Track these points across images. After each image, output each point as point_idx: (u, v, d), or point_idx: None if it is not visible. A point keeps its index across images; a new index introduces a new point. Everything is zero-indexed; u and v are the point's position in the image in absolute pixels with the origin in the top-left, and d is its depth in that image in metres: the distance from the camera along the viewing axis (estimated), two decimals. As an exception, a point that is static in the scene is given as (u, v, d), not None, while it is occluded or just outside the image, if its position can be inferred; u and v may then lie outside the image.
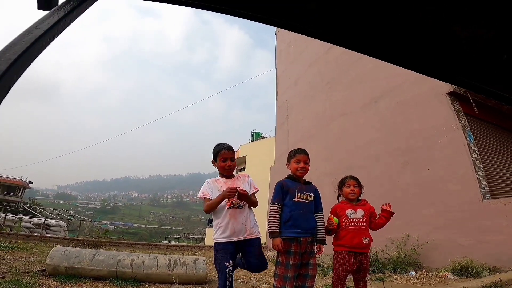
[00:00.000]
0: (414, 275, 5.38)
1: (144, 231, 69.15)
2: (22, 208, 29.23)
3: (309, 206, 2.47)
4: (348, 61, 9.68)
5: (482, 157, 5.93)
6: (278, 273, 2.33)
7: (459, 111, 6.26)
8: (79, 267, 3.94)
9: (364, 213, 2.66)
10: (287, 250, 2.32)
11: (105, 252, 4.35)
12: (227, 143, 2.53)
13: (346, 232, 2.57)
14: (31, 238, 9.41)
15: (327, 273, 6.08)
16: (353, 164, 8.29)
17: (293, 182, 2.53)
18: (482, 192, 5.40)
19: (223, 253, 2.28)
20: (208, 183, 2.48)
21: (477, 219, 5.29)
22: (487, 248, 5.04)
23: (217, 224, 2.37)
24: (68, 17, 0.57)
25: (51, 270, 3.97)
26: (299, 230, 2.36)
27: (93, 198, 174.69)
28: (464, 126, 6.06)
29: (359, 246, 2.55)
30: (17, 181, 40.32)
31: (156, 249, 10.06)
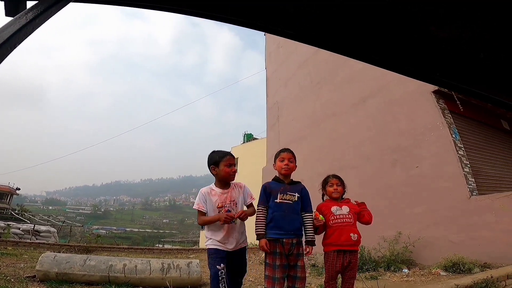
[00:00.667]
0: (407, 272, 5.46)
1: (137, 235, 68.23)
2: (11, 214, 28.47)
3: (293, 206, 2.47)
4: (337, 62, 9.75)
5: (468, 154, 6.09)
6: (267, 274, 2.36)
7: (444, 109, 6.41)
8: (70, 272, 3.89)
9: (350, 209, 2.67)
10: (272, 251, 2.36)
11: (97, 257, 4.30)
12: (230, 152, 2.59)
13: (333, 230, 2.57)
14: (21, 245, 9.20)
15: (322, 273, 6.12)
16: (345, 164, 8.39)
17: (277, 184, 2.55)
18: (470, 188, 5.54)
19: (214, 257, 2.31)
20: (202, 194, 2.45)
21: (466, 216, 5.42)
22: (478, 245, 5.16)
23: (210, 235, 2.40)
24: (30, 24, 0.54)
25: (42, 276, 3.91)
26: (281, 231, 2.38)
27: (83, 203, 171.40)
28: (450, 124, 6.21)
29: (348, 243, 2.54)
30: (4, 187, 39.34)
31: (150, 253, 9.95)
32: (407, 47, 0.77)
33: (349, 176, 7.48)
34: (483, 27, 0.79)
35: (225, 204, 2.42)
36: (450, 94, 6.47)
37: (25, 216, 27.34)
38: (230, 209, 2.40)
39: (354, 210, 2.69)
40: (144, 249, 10.45)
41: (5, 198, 39.18)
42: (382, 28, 0.72)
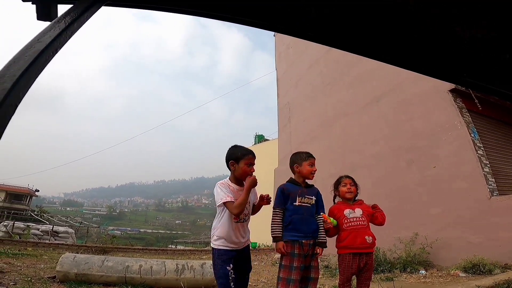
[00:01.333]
0: (425, 274, 5.33)
1: (151, 236, 69.29)
2: (30, 215, 29.51)
3: (310, 209, 2.47)
4: (349, 61, 9.63)
5: (487, 154, 5.89)
6: (281, 276, 2.34)
7: (462, 108, 6.23)
8: (89, 273, 3.98)
9: (363, 211, 2.62)
10: (290, 252, 2.34)
11: (114, 258, 4.39)
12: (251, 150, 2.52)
13: (348, 233, 2.53)
14: (40, 245, 9.50)
15: (335, 274, 6.05)
16: (357, 165, 8.27)
17: (294, 186, 2.53)
18: (490, 189, 5.36)
19: (224, 259, 2.26)
20: (224, 185, 2.32)
21: (486, 216, 5.24)
22: (498, 246, 4.99)
23: (218, 234, 2.33)
24: (69, 29, 0.55)
25: (62, 277, 4.02)
26: (300, 233, 2.37)
27: (99, 204, 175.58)
28: (468, 123, 6.03)
29: (363, 246, 2.50)
30: (23, 189, 40.74)
31: (164, 254, 10.08)
32: (433, 48, 0.75)
33: (362, 176, 7.37)
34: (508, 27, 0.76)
35: None
36: (467, 93, 6.28)
37: (44, 217, 28.26)
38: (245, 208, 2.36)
39: (367, 212, 2.65)
40: (158, 250, 10.60)
41: (24, 199, 40.60)
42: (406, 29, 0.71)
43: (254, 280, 5.40)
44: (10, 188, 39.47)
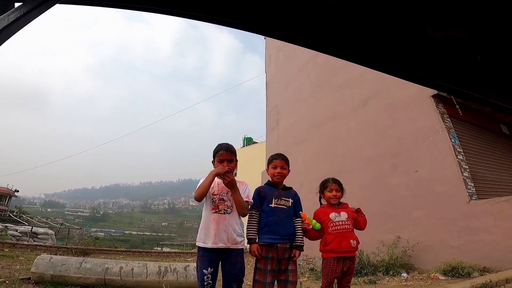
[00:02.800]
0: (406, 277, 5.43)
1: (136, 238, 67.74)
2: (9, 216, 28.38)
3: (287, 211, 2.46)
4: (336, 65, 9.70)
5: (467, 158, 6.07)
6: (257, 278, 2.33)
7: (443, 113, 6.41)
8: (66, 275, 3.85)
9: (348, 215, 2.63)
10: (265, 255, 2.32)
11: (93, 260, 4.26)
12: (228, 143, 2.41)
13: (333, 237, 2.54)
14: (17, 246, 9.15)
15: (320, 277, 6.07)
16: (344, 168, 8.36)
17: (270, 188, 2.54)
18: (469, 193, 5.52)
19: (202, 260, 2.19)
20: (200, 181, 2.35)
21: (466, 220, 5.40)
22: (477, 249, 5.14)
23: (200, 227, 2.31)
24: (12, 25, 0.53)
25: (37, 278, 3.88)
26: (276, 236, 2.36)
27: (82, 206, 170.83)
28: (449, 128, 6.21)
29: (348, 250, 2.53)
30: (2, 189, 39.23)
31: (148, 256, 9.89)
32: (402, 49, 0.75)
33: (349, 179, 7.44)
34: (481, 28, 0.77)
35: (221, 193, 2.31)
36: (449, 98, 6.47)
37: (23, 218, 27.24)
38: (224, 199, 2.31)
39: (351, 216, 2.67)
40: (142, 252, 10.38)
41: (3, 200, 39.06)
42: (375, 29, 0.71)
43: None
44: (-12, 188, 37.93)
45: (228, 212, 2.30)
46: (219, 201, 2.30)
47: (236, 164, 2.44)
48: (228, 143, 2.45)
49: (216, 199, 2.31)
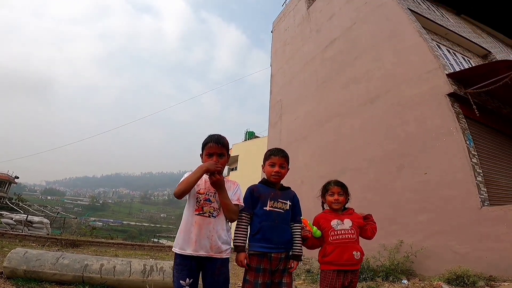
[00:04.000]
0: (407, 284, 5.10)
1: (134, 229, 68.02)
2: (6, 204, 28.26)
3: (284, 216, 2.10)
4: (345, 61, 9.44)
5: (481, 162, 5.69)
6: None
7: (459, 113, 6.01)
8: (40, 271, 3.54)
9: (353, 223, 2.27)
10: (255, 266, 1.97)
11: (71, 256, 3.94)
12: (220, 135, 2.07)
13: (334, 247, 2.19)
14: (6, 236, 8.87)
15: (317, 280, 5.75)
16: (347, 167, 8.01)
17: (266, 188, 2.15)
18: (481, 198, 5.15)
19: (180, 269, 1.86)
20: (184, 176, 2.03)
21: (475, 226, 5.04)
22: (484, 257, 4.81)
23: (179, 231, 1.96)
24: None
25: (9, 273, 3.57)
26: (270, 244, 1.99)
27: (82, 194, 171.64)
28: (464, 129, 5.81)
29: (350, 262, 2.17)
30: (2, 175, 39.23)
31: (140, 250, 9.61)
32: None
33: (351, 179, 7.11)
34: None
35: (207, 192, 1.98)
36: (465, 98, 6.07)
37: (21, 206, 27.10)
38: (210, 200, 1.97)
39: (357, 223, 2.30)
40: (135, 245, 10.10)
41: (2, 186, 39.11)
42: None
43: (231, 284, 5.02)
44: (-13, 173, 37.92)
45: (214, 215, 1.94)
46: (204, 201, 1.95)
47: (227, 159, 2.08)
48: (219, 135, 2.08)
49: (201, 199, 1.96)
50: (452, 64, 7.46)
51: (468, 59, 8.73)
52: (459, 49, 8.72)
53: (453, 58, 8.05)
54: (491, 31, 11.82)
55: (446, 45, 8.30)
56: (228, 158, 2.10)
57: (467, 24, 10.73)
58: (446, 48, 8.20)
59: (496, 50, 10.32)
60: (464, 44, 9.00)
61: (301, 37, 12.63)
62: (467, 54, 8.88)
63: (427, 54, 6.71)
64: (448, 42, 8.55)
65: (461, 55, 8.57)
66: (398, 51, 7.60)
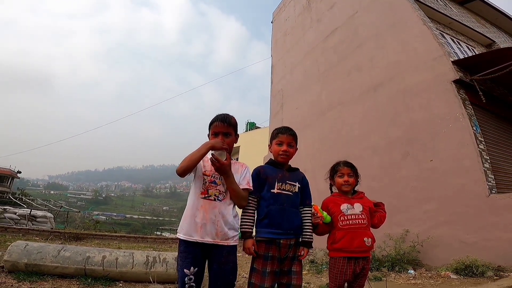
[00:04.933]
0: (414, 274, 5.03)
1: (137, 222, 68.55)
2: (9, 198, 28.40)
3: (293, 199, 1.97)
4: (346, 50, 9.36)
5: (488, 149, 5.57)
6: (253, 281, 1.86)
7: (465, 99, 5.86)
8: (41, 264, 3.49)
9: (363, 207, 2.16)
10: (263, 254, 1.86)
11: (73, 248, 3.88)
12: (227, 114, 1.96)
13: (344, 233, 2.07)
14: (10, 231, 8.87)
15: (321, 271, 5.72)
16: (350, 155, 7.89)
17: (273, 169, 2.03)
18: (489, 185, 5.04)
19: (184, 257, 1.75)
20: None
21: (483, 215, 4.95)
22: (493, 246, 4.72)
23: (184, 215, 1.84)
24: None
25: (10, 267, 3.51)
26: (278, 230, 1.87)
27: (85, 188, 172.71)
28: (471, 115, 5.67)
29: (361, 249, 2.06)
30: (4, 170, 39.34)
31: (143, 242, 9.63)
32: None
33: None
34: None
35: (213, 174, 1.85)
36: (471, 85, 5.94)
37: (24, 200, 27.23)
38: (216, 182, 1.84)
39: (368, 208, 2.19)
40: (138, 238, 10.12)
41: (5, 181, 39.22)
42: None
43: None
44: (-10, 168, 38.01)
45: (220, 198, 1.82)
46: (209, 183, 1.83)
47: (235, 139, 1.97)
48: (227, 114, 1.96)
49: (207, 181, 1.83)
50: (456, 52, 7.32)
51: (473, 48, 8.56)
52: (463, 38, 8.56)
53: (458, 47, 7.89)
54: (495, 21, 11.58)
55: (450, 34, 8.14)
56: (237, 138, 1.99)
57: (471, 14, 10.50)
58: (450, 37, 8.04)
59: (500, 40, 10.12)
60: (468, 33, 8.84)
61: (302, 27, 12.48)
62: (471, 43, 8.71)
63: (432, 42, 6.58)
64: (452, 31, 8.38)
65: (465, 44, 8.41)
66: (401, 39, 7.47)
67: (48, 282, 3.32)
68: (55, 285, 3.28)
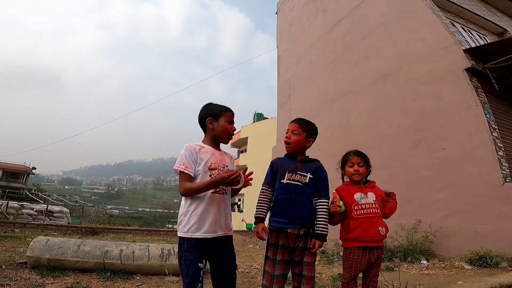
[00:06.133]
0: (427, 264, 5.03)
1: (149, 215, 70.03)
2: (26, 194, 29.33)
3: (302, 189, 1.95)
4: (352, 40, 9.29)
5: (502, 137, 5.45)
6: (267, 269, 1.93)
7: (477, 87, 5.74)
8: (63, 259, 3.62)
9: (377, 197, 2.14)
10: (274, 242, 1.92)
11: (92, 242, 4.01)
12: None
13: (358, 223, 2.06)
14: (29, 226, 9.16)
15: (332, 261, 5.77)
16: (359, 145, 7.75)
17: (287, 160, 2.07)
18: (503, 174, 4.96)
19: (195, 251, 1.71)
20: (190, 151, 1.81)
21: (497, 204, 4.88)
22: (507, 237, 4.66)
23: (190, 212, 1.76)
24: None
25: (33, 263, 3.66)
26: (284, 219, 1.90)
27: (97, 182, 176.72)
28: (484, 103, 5.55)
29: (375, 238, 2.06)
30: (20, 167, 40.46)
31: (156, 235, 9.85)
32: None
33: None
34: None
35: (219, 167, 1.84)
36: (484, 73, 5.82)
37: (40, 196, 28.03)
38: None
39: (380, 197, 2.17)
40: (151, 231, 10.36)
41: (21, 178, 40.42)
42: None
43: (247, 266, 5.09)
44: (6, 166, 39.18)
45: (226, 191, 1.87)
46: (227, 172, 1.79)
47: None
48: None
49: (215, 175, 1.80)
50: (467, 41, 7.13)
51: (484, 37, 8.30)
52: (474, 26, 8.32)
53: (469, 35, 7.67)
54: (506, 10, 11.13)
55: (460, 23, 7.92)
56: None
57: (481, 2, 10.14)
58: (460, 25, 7.82)
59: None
60: (479, 22, 8.56)
61: (307, 17, 12.32)
62: (482, 32, 8.45)
63: (442, 31, 6.45)
64: (462, 20, 8.13)
65: (477, 33, 8.16)
66: (410, 28, 7.33)
67: (70, 277, 3.44)
68: (77, 279, 3.40)
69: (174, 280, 3.68)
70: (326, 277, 4.18)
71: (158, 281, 3.66)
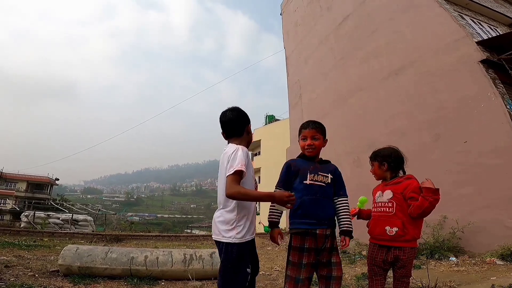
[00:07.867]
0: (456, 261, 4.88)
1: (167, 221, 71.22)
2: (51, 205, 30.54)
3: (326, 190, 1.97)
4: (361, 36, 9.21)
5: (525, 127, 5.23)
6: (289, 274, 1.90)
7: (495, 79, 5.57)
8: (92, 266, 3.76)
9: (393, 195, 2.08)
10: (298, 246, 1.89)
11: (118, 249, 4.15)
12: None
13: (373, 220, 2.18)
14: (57, 235, 9.56)
15: (354, 261, 5.70)
16: (375, 141, 7.72)
17: (305, 161, 2.06)
18: (530, 165, 4.76)
19: (245, 256, 1.70)
20: (246, 153, 1.75)
21: (525, 197, 4.68)
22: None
23: (245, 217, 1.73)
24: None
25: (65, 271, 3.81)
26: (312, 220, 1.88)
27: (117, 191, 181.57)
28: (503, 94, 5.37)
29: (382, 237, 2.04)
30: (44, 178, 42.12)
31: (176, 240, 10.03)
32: None
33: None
34: None
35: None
36: (499, 64, 5.66)
37: (65, 205, 29.13)
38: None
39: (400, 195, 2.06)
40: (172, 236, 10.56)
41: (45, 189, 42.07)
42: None
43: (268, 268, 5.11)
44: (31, 178, 40.91)
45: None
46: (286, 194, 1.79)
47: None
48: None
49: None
50: (478, 33, 6.95)
51: (495, 28, 8.03)
52: (483, 18, 8.08)
53: (479, 27, 7.46)
54: None
55: (469, 15, 7.72)
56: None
57: None
58: (469, 18, 7.63)
59: (522, 19, 9.39)
60: (488, 13, 8.31)
61: (312, 17, 12.31)
62: (492, 23, 8.19)
63: (451, 24, 6.39)
64: (470, 12, 7.92)
65: (487, 24, 7.93)
66: (418, 22, 7.27)
67: (100, 284, 3.57)
68: (106, 286, 3.52)
69: (198, 285, 3.74)
70: (350, 277, 4.14)
71: (182, 286, 3.74)
